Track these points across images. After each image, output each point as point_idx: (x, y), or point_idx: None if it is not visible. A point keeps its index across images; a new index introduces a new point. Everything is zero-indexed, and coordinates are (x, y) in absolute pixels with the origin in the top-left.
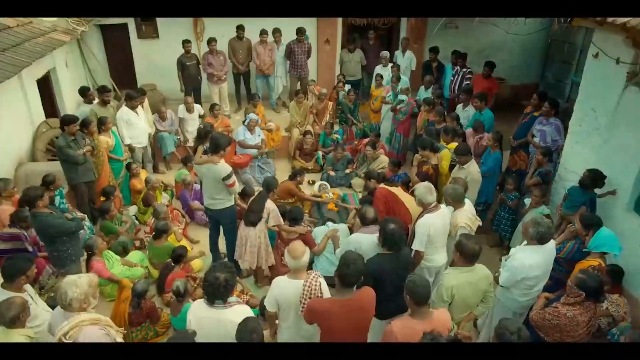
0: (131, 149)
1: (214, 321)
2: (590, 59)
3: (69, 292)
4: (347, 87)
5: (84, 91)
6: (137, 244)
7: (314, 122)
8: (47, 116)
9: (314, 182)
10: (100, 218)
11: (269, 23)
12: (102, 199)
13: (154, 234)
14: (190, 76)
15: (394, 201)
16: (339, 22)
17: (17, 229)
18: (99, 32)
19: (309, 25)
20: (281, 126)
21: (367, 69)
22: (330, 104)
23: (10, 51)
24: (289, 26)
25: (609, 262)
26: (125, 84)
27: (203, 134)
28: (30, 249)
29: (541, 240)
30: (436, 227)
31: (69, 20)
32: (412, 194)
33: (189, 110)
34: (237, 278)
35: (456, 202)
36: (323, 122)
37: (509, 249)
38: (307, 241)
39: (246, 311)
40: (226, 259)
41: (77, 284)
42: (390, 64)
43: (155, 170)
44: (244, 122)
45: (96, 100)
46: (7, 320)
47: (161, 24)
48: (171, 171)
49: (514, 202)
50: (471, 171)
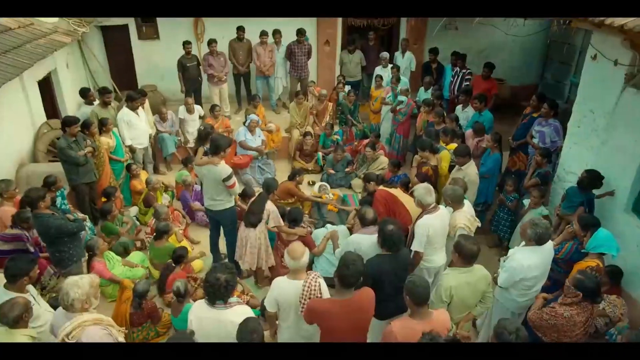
0: (132, 150)
1: (214, 321)
2: (589, 61)
3: (71, 293)
4: (347, 88)
5: (84, 92)
6: (138, 244)
7: (314, 123)
8: (48, 117)
9: (314, 183)
10: (101, 219)
11: (269, 24)
12: (103, 199)
13: (154, 234)
14: (191, 77)
15: (393, 203)
16: (339, 23)
17: (19, 229)
18: (100, 33)
19: (309, 26)
20: (281, 127)
21: (367, 70)
22: (330, 105)
23: (12, 53)
24: (289, 27)
25: (607, 262)
26: (126, 85)
27: (203, 136)
28: (32, 249)
29: (539, 241)
30: (435, 228)
31: (70, 21)
32: (412, 195)
33: (190, 111)
34: (238, 279)
35: (455, 203)
36: (323, 123)
37: (508, 250)
38: (307, 242)
39: (247, 311)
40: (226, 260)
41: (78, 284)
42: (390, 65)
43: (156, 171)
44: (244, 122)
45: (97, 101)
46: (10, 320)
47: (162, 25)
48: (172, 172)
49: (513, 203)
50: (469, 173)
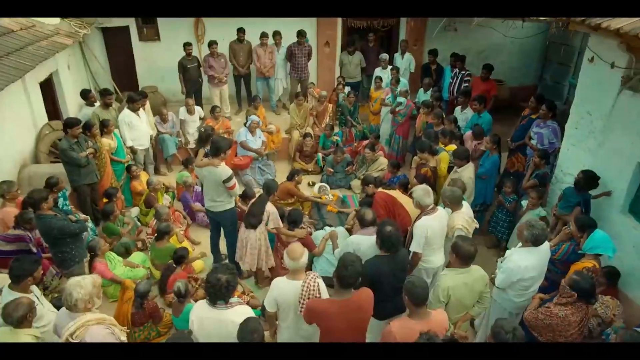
0: (133, 151)
1: (215, 321)
2: (586, 63)
3: (74, 293)
4: (347, 89)
5: (85, 94)
6: (139, 245)
7: (313, 124)
8: (50, 118)
9: (313, 184)
10: (102, 220)
11: (270, 26)
12: (105, 200)
13: (156, 235)
14: (192, 78)
15: (393, 204)
16: (339, 24)
17: (21, 230)
18: (101, 34)
19: (309, 27)
20: (281, 128)
21: (366, 71)
22: (330, 106)
23: (14, 55)
24: (289, 29)
25: (604, 263)
26: (127, 86)
27: (204, 137)
28: (35, 250)
29: (536, 242)
30: (434, 229)
31: (72, 23)
32: (411, 196)
33: (190, 112)
34: (238, 279)
35: (454, 204)
36: (323, 124)
37: (506, 251)
38: (307, 243)
39: (247, 311)
40: (227, 260)
41: (81, 284)
42: (390, 67)
43: (157, 171)
44: (245, 123)
45: (98, 102)
46: (14, 320)
47: (162, 26)
48: (172, 173)
49: (511, 205)
50: (463, 175)
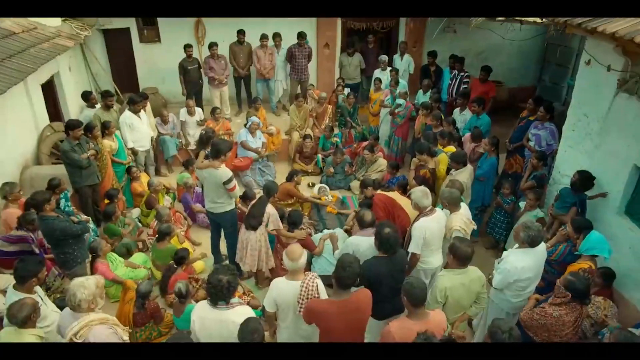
0: (134, 153)
1: (216, 322)
2: (583, 66)
3: (78, 294)
4: (347, 90)
5: (86, 96)
6: (140, 245)
7: (313, 126)
8: (51, 120)
9: (313, 185)
10: (104, 221)
11: (270, 27)
12: (106, 201)
13: (157, 236)
14: (192, 80)
15: (392, 206)
16: (338, 25)
17: (24, 231)
18: (102, 36)
19: (309, 29)
20: (281, 129)
21: (366, 73)
22: (330, 107)
23: (16, 57)
24: (288, 30)
25: (600, 264)
26: (128, 87)
27: (205, 139)
28: (37, 251)
29: (532, 243)
30: (432, 230)
31: (73, 25)
32: (410, 197)
33: (191, 113)
34: (239, 280)
35: (452, 205)
36: (323, 125)
37: (504, 252)
38: (307, 244)
39: (248, 312)
40: (227, 261)
41: (85, 285)
42: (389, 68)
43: (158, 173)
44: (245, 124)
45: (98, 104)
46: (19, 320)
47: (163, 28)
48: (173, 174)
49: (510, 206)
50: (459, 179)
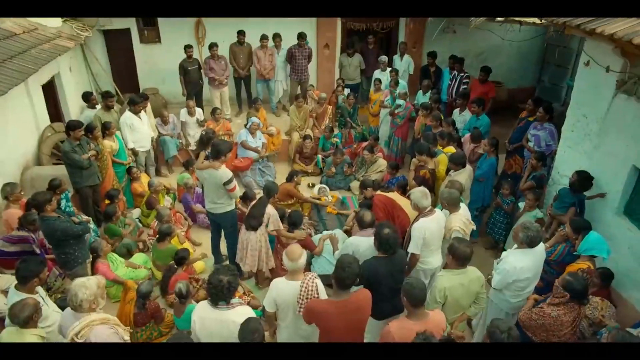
0: (134, 153)
1: (217, 322)
2: (582, 67)
3: (79, 294)
4: (347, 91)
5: (87, 96)
6: (141, 246)
7: (313, 126)
8: (52, 120)
9: (313, 185)
10: (104, 221)
11: (270, 28)
12: (107, 202)
13: (157, 236)
14: (192, 80)
15: (392, 207)
16: (338, 26)
17: (25, 231)
18: (102, 37)
19: (309, 29)
20: (281, 130)
21: (366, 73)
22: (330, 108)
23: (17, 58)
24: (288, 31)
25: (599, 265)
26: (128, 88)
27: (205, 140)
28: (38, 251)
29: (531, 244)
30: (431, 230)
31: (73, 26)
32: (409, 198)
33: (191, 114)
34: (239, 280)
35: (451, 206)
36: (322, 126)
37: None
38: (307, 244)
39: (248, 312)
40: (227, 261)
41: (86, 285)
42: (389, 69)
43: (158, 173)
44: (246, 125)
45: (99, 105)
46: (20, 320)
47: (163, 29)
48: (173, 174)
49: (509, 207)
50: (457, 180)
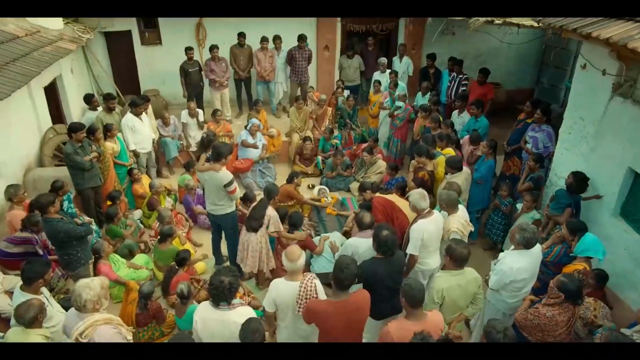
0: (136, 155)
1: (219, 322)
2: (579, 70)
3: (83, 294)
4: (346, 92)
5: (88, 98)
6: (142, 246)
7: (313, 128)
8: (54, 122)
9: (313, 187)
10: (106, 222)
11: (270, 30)
12: (108, 203)
13: (159, 237)
14: (193, 82)
15: (391, 208)
16: (338, 28)
17: (28, 233)
18: (103, 39)
19: (309, 31)
20: (281, 131)
21: (365, 75)
22: (330, 109)
23: (20, 61)
24: (288, 33)
25: (596, 266)
26: (129, 89)
27: (206, 143)
28: (41, 252)
29: (527, 245)
30: (430, 232)
31: (75, 28)
32: (408, 199)
33: (192, 115)
34: (239, 281)
35: (450, 207)
36: (322, 127)
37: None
38: (307, 244)
39: (249, 312)
40: (228, 262)
41: (90, 286)
42: (388, 70)
43: (159, 174)
44: (246, 126)
45: (100, 107)
46: (26, 320)
47: (164, 30)
48: (174, 176)
49: (507, 208)
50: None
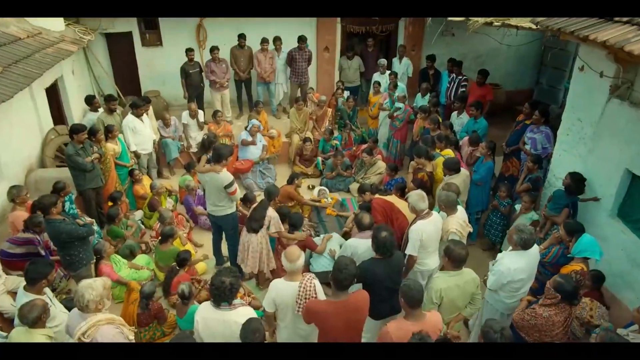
0: (137, 156)
1: (219, 322)
2: (577, 72)
3: (86, 295)
4: (346, 93)
5: (89, 100)
6: (143, 247)
7: (313, 129)
8: (55, 123)
9: (313, 187)
10: (107, 223)
11: (270, 31)
12: (110, 204)
13: (160, 238)
14: (193, 83)
15: (391, 210)
16: (338, 29)
17: (30, 233)
18: (104, 40)
19: (309, 32)
20: (282, 132)
21: (365, 76)
22: (330, 110)
23: (22, 62)
24: (289, 34)
25: (593, 266)
26: (130, 90)
27: (207, 144)
28: (43, 253)
29: (524, 246)
30: (428, 232)
31: (76, 29)
32: (407, 200)
33: (192, 116)
34: (240, 281)
35: (449, 208)
36: (322, 128)
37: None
38: (308, 244)
39: (249, 312)
40: (228, 262)
41: (92, 286)
42: (388, 72)
43: (160, 175)
44: (246, 127)
45: (101, 108)
46: (29, 320)
47: (164, 32)
48: (175, 176)
49: (506, 209)
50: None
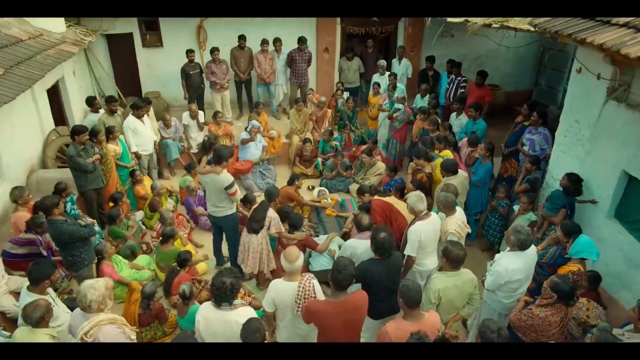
0: (137, 156)
1: (220, 322)
2: (574, 74)
3: (89, 295)
4: (346, 94)
5: (90, 101)
6: (144, 247)
7: (313, 129)
8: (56, 124)
9: (313, 188)
10: (108, 223)
11: (270, 32)
12: (111, 204)
13: (161, 238)
14: (194, 84)
15: (390, 211)
16: (338, 30)
17: (32, 234)
18: (105, 41)
19: (308, 33)
20: (282, 133)
21: (365, 77)
22: (329, 111)
23: (24, 64)
24: (288, 35)
25: (590, 267)
26: (130, 91)
27: (207, 146)
28: (45, 253)
29: (522, 247)
30: (427, 233)
31: (77, 31)
32: (406, 201)
33: (193, 117)
34: (241, 281)
35: (447, 209)
36: (322, 129)
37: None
38: (309, 243)
39: (250, 312)
40: (229, 263)
41: (95, 287)
42: (388, 73)
43: (160, 176)
44: (246, 128)
45: (102, 109)
46: (33, 320)
47: (165, 33)
48: (175, 177)
49: (504, 209)
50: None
